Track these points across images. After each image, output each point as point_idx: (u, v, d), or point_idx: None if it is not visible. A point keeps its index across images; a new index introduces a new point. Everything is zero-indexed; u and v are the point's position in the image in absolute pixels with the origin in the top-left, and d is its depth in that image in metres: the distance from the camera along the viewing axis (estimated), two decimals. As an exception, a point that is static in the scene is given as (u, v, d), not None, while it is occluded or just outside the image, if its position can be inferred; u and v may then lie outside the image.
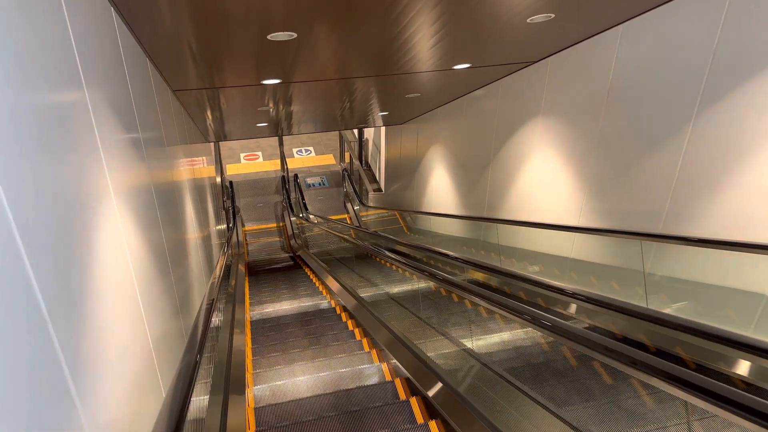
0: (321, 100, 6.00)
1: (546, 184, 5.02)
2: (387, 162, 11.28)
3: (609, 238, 4.27)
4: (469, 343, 4.01)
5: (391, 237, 6.60)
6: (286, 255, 12.31)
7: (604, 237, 4.27)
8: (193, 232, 4.68)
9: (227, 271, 7.18)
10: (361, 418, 3.35)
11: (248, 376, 4.37)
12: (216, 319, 4.47)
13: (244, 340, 5.19)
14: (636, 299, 3.97)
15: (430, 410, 3.43)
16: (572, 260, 4.69)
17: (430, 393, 3.53)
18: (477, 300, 3.35)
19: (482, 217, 6.35)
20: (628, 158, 3.94)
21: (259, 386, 4.11)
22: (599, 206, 4.32)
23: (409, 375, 3.90)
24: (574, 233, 4.63)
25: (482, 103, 6.23)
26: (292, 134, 9.70)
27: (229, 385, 3.75)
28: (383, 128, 12.64)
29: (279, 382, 4.12)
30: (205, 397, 3.25)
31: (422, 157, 8.61)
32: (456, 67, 4.71)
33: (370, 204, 12.99)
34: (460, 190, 7.09)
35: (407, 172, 9.67)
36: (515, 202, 5.65)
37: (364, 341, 4.97)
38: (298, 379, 4.15)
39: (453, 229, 7.57)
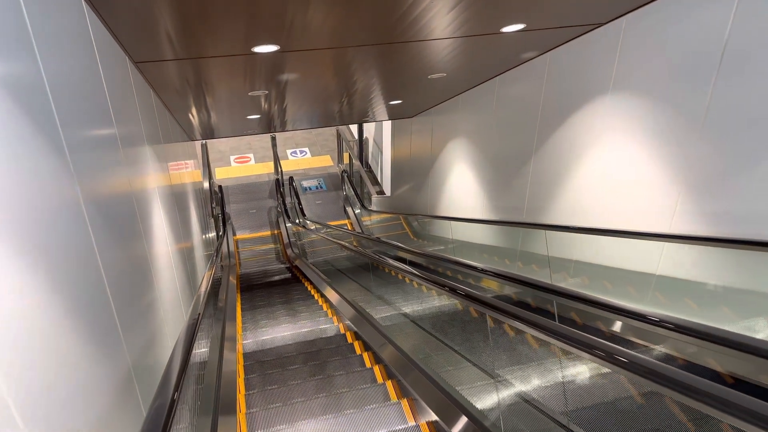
0: (325, 81, 4.92)
1: (617, 181, 3.96)
2: (393, 161, 10.20)
3: (719, 250, 3.21)
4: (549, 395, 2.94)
5: (408, 248, 5.54)
6: (282, 266, 11.19)
7: (714, 249, 3.21)
8: (165, 248, 3.58)
9: (215, 288, 6.09)
10: None
11: (240, 442, 3.28)
12: (199, 354, 3.37)
13: (236, 384, 4.08)
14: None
15: None
16: (660, 278, 3.64)
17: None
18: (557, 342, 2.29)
19: (522, 223, 5.28)
20: (758, 140, 2.89)
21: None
22: (705, 207, 3.26)
23: (462, 444, 2.82)
24: (663, 242, 3.57)
25: (520, 85, 5.17)
26: (286, 131, 8.61)
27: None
28: (387, 124, 11.57)
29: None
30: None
31: (438, 155, 7.54)
32: (506, 29, 3.64)
33: (373, 208, 11.90)
34: (489, 191, 6.02)
35: (418, 172, 8.60)
36: (568, 205, 4.59)
37: (390, 386, 3.88)
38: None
39: (476, 236, 6.50)
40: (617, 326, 3.78)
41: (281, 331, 5.82)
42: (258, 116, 6.31)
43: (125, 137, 2.74)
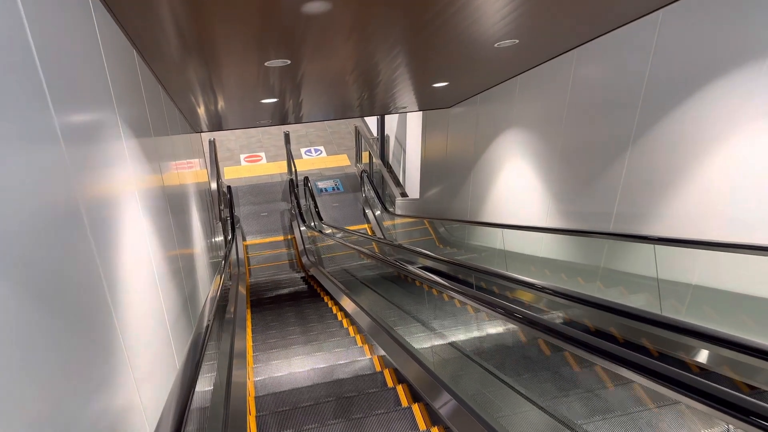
0: (362, 49, 3.83)
1: (782, 179, 2.82)
2: (423, 160, 9.09)
3: None
4: None
5: (467, 265, 4.44)
6: (297, 275, 10.12)
7: None
8: (147, 263, 2.50)
9: (222, 304, 5.04)
10: None
11: None
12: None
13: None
14: None
15: None
16: None
17: None
18: None
19: (613, 233, 4.14)
20: None
21: None
22: None
23: None
24: None
25: (611, 58, 4.03)
26: (302, 122, 7.55)
27: None
28: (412, 120, 10.48)
29: None
30: None
31: (483, 150, 6.41)
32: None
33: (398, 212, 10.79)
34: (558, 192, 4.89)
35: (456, 172, 7.48)
36: (690, 211, 3.44)
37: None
38: None
39: (534, 247, 5.38)
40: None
41: (299, 364, 4.73)
42: (274, 100, 5.23)
43: (74, 126, 1.65)
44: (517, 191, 5.65)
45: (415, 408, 3.47)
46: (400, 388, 3.84)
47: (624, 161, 3.99)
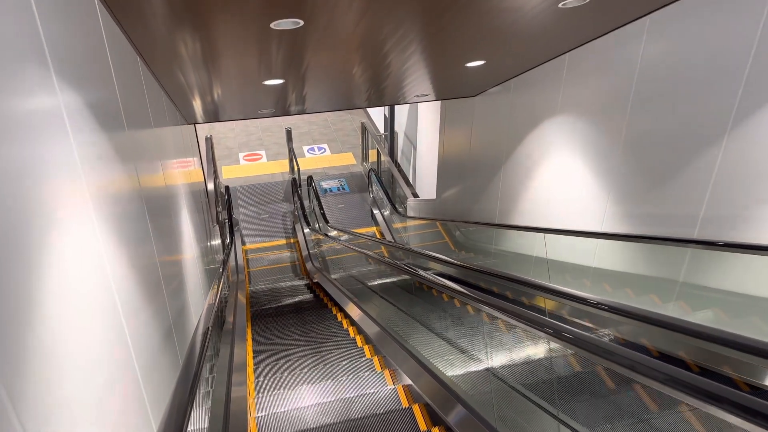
0: (384, 22, 3.05)
1: None
2: (443, 157, 8.30)
3: None
4: None
5: (529, 280, 3.66)
6: (301, 282, 9.33)
7: None
8: (110, 288, 1.71)
9: (220, 315, 4.28)
10: None
11: None
12: None
13: None
14: None
15: None
16: None
17: None
18: None
19: (700, 241, 3.35)
20: None
21: None
22: None
23: None
24: None
25: (691, 25, 3.24)
26: (308, 112, 6.79)
27: None
28: (423, 115, 9.71)
29: None
30: None
31: (518, 144, 5.63)
32: None
33: (411, 214, 10.00)
34: (622, 192, 4.11)
35: (482, 169, 6.69)
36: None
37: None
38: None
39: (573, 253, 4.62)
40: None
41: (308, 395, 3.95)
42: (279, 81, 4.43)
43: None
44: (563, 190, 4.86)
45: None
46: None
47: (717, 152, 3.20)
